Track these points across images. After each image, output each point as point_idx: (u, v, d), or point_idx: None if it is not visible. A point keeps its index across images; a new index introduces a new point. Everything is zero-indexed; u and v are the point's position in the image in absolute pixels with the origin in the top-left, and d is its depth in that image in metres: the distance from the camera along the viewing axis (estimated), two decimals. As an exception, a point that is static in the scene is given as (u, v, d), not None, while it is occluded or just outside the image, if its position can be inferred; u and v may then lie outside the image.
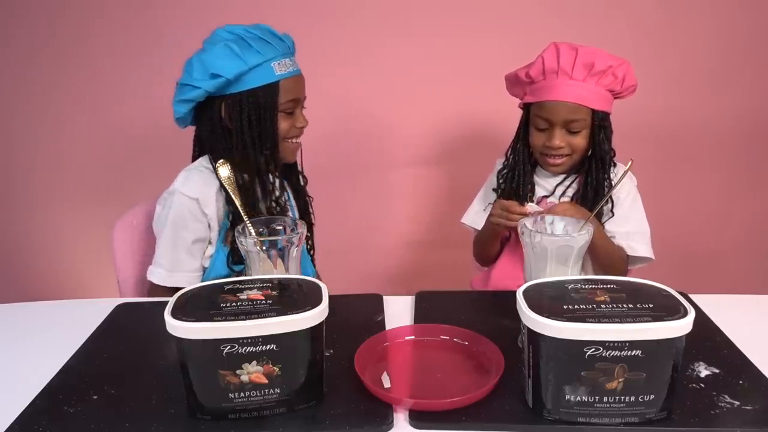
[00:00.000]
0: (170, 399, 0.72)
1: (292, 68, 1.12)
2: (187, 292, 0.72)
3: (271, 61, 1.08)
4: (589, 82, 1.14)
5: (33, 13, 1.70)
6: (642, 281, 0.73)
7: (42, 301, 1.05)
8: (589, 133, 1.18)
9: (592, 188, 1.20)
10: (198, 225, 1.10)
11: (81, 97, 1.77)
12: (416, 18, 1.69)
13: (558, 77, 1.15)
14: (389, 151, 1.84)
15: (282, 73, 1.10)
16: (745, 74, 1.76)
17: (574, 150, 1.19)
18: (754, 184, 1.88)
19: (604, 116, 1.17)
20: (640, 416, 0.66)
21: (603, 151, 1.19)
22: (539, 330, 0.64)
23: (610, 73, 1.13)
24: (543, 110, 1.17)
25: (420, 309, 0.97)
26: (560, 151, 1.19)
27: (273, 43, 1.09)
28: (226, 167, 0.95)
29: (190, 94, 1.07)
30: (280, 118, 1.12)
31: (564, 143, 1.17)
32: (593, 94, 1.14)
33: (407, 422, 0.69)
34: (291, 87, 1.11)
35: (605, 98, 1.16)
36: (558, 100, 1.15)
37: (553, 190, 1.25)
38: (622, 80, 1.14)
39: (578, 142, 1.18)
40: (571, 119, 1.15)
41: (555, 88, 1.15)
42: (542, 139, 1.20)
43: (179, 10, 1.67)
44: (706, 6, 1.69)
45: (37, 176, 1.86)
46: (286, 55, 1.12)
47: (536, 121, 1.19)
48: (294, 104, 1.13)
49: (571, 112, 1.15)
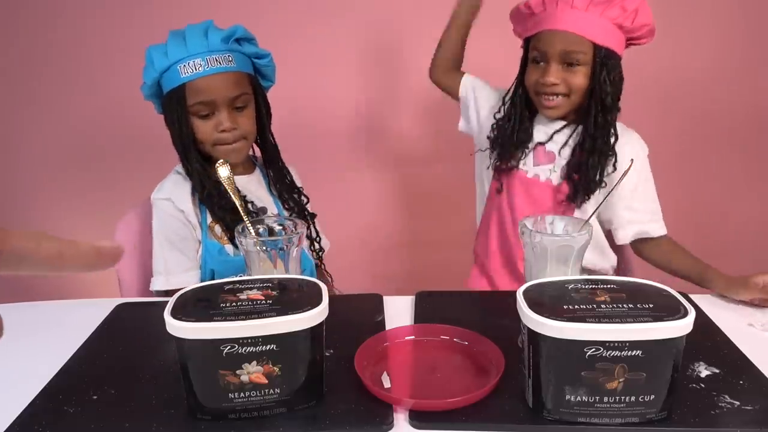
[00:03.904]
0: (170, 399, 0.72)
1: (203, 68, 1.04)
2: (187, 292, 0.72)
3: (177, 63, 1.04)
4: (592, 11, 1.03)
5: (30, 12, 1.70)
6: (642, 281, 0.73)
7: (42, 301, 1.05)
8: (590, 72, 1.07)
9: (591, 138, 1.10)
10: (178, 224, 1.10)
11: (82, 95, 1.77)
12: (417, 17, 1.69)
13: (558, 5, 1.05)
14: (389, 151, 1.84)
15: (187, 76, 1.04)
16: (745, 74, 1.76)
17: (571, 89, 1.08)
18: (753, 184, 1.88)
19: (608, 53, 1.06)
20: (641, 416, 0.66)
21: (604, 93, 1.07)
22: (539, 330, 0.64)
23: (617, 5, 1.02)
24: (539, 42, 1.08)
25: (420, 309, 0.97)
26: (555, 89, 1.09)
27: (187, 43, 1.05)
28: (225, 167, 0.95)
29: (143, 89, 1.11)
30: (195, 121, 1.08)
31: (560, 79, 1.07)
32: (596, 26, 1.03)
33: (407, 422, 0.69)
34: (201, 88, 1.05)
35: (612, 33, 1.04)
36: (555, 29, 1.05)
37: (551, 136, 1.16)
38: (633, 15, 1.03)
39: (577, 80, 1.07)
40: (569, 50, 1.05)
41: (553, 17, 1.06)
42: (537, 74, 1.10)
43: (176, 10, 1.67)
44: (706, 6, 1.69)
45: (37, 176, 1.86)
46: (198, 55, 1.04)
47: (532, 54, 1.10)
48: (206, 107, 1.06)
49: (569, 43, 1.04)
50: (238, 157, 1.14)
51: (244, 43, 1.10)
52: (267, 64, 1.13)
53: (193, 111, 1.07)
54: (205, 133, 1.08)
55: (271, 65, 1.15)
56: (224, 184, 0.95)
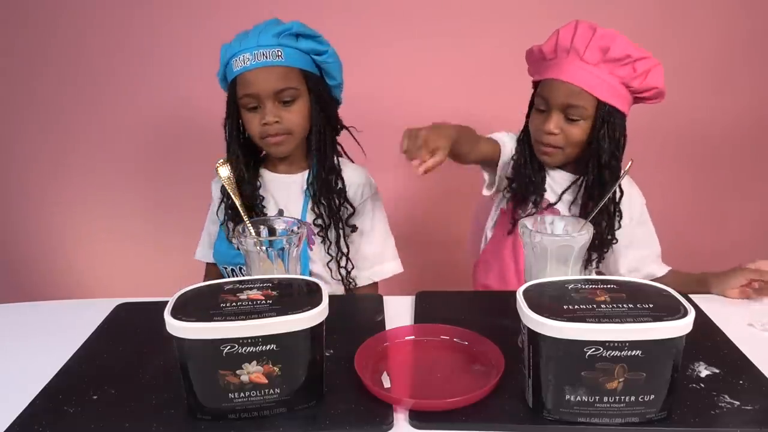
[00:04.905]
0: (170, 399, 0.72)
1: (251, 62, 1.06)
2: (187, 292, 0.72)
3: (232, 58, 1.08)
4: (601, 68, 1.03)
5: (38, 13, 1.70)
6: (642, 281, 0.73)
7: (42, 301, 1.05)
8: (590, 127, 1.06)
9: (588, 193, 1.09)
10: (213, 207, 1.21)
11: (83, 96, 1.77)
12: (417, 17, 1.69)
13: (569, 56, 1.05)
14: (388, 151, 1.83)
15: (237, 69, 1.07)
16: (745, 74, 1.76)
17: (569, 140, 1.07)
18: (754, 184, 1.88)
19: (612, 111, 1.05)
20: (640, 416, 0.66)
21: (602, 150, 1.05)
22: (539, 330, 0.64)
23: (628, 64, 1.02)
24: (544, 89, 1.08)
25: (420, 309, 0.97)
26: (552, 140, 1.08)
27: (243, 38, 1.08)
28: (226, 167, 0.96)
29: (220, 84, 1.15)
30: (245, 114, 1.11)
31: (558, 130, 1.07)
32: (603, 82, 1.02)
33: (407, 422, 0.69)
34: (247, 81, 1.07)
35: (618, 92, 1.04)
36: (559, 79, 1.04)
37: (560, 197, 1.14)
38: (643, 77, 1.03)
39: (575, 132, 1.06)
40: (571, 103, 1.04)
41: (561, 67, 1.05)
42: (538, 120, 1.09)
43: (176, 10, 1.68)
44: (706, 6, 1.69)
45: (37, 176, 1.86)
46: (248, 50, 1.06)
47: (537, 100, 1.10)
48: (252, 99, 1.08)
49: (572, 95, 1.04)
50: (283, 152, 1.13)
51: (301, 39, 1.09)
52: (326, 60, 1.10)
53: (242, 104, 1.10)
54: (252, 126, 1.10)
55: (331, 62, 1.11)
56: (225, 184, 0.95)
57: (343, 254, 1.16)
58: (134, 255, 1.91)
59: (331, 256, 1.16)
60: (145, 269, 1.91)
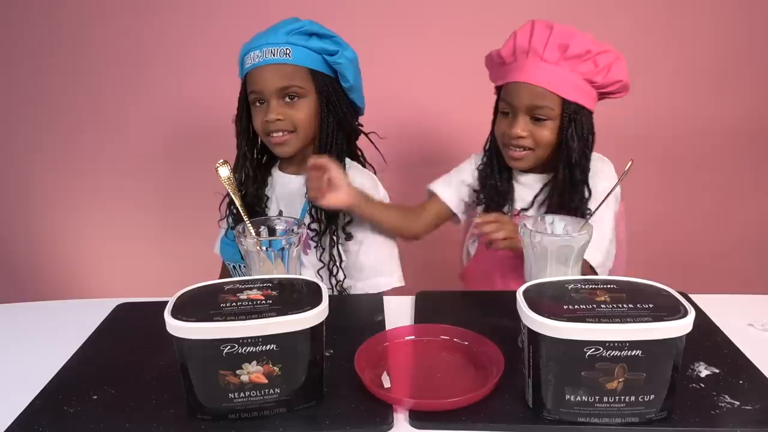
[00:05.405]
0: (170, 399, 0.72)
1: (259, 59, 1.06)
2: (187, 292, 0.72)
3: (245, 55, 1.09)
4: (562, 66, 1.01)
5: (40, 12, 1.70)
6: (642, 281, 0.73)
7: (42, 301, 1.05)
8: (557, 126, 1.04)
9: (558, 194, 1.06)
10: None
11: (84, 96, 1.77)
12: (418, 17, 1.69)
13: (528, 57, 1.03)
14: (388, 151, 1.83)
15: (247, 66, 1.09)
16: (745, 74, 1.76)
17: (538, 143, 1.05)
18: (754, 185, 1.88)
19: (577, 109, 1.03)
20: (640, 416, 0.66)
21: (571, 149, 1.03)
22: (539, 330, 0.64)
23: (589, 60, 1.00)
24: (507, 93, 1.06)
25: (420, 309, 0.97)
26: (521, 142, 1.05)
27: (258, 36, 1.09)
28: (226, 167, 0.95)
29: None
30: (253, 111, 1.11)
31: (526, 132, 1.04)
32: (566, 80, 1.01)
33: (407, 422, 0.69)
34: (255, 79, 1.08)
35: (582, 89, 1.02)
36: (522, 82, 1.02)
37: (531, 203, 1.12)
38: (605, 71, 1.01)
39: (544, 133, 1.04)
40: (536, 104, 1.02)
41: (522, 69, 1.03)
42: (504, 125, 1.07)
43: (184, 9, 1.68)
44: (706, 6, 1.69)
45: (37, 176, 1.86)
46: (258, 48, 1.07)
47: (501, 105, 1.08)
48: (258, 96, 1.09)
49: (537, 97, 1.02)
50: (287, 151, 1.12)
51: (313, 38, 1.08)
52: (337, 61, 1.08)
53: (250, 100, 1.11)
54: (257, 122, 1.11)
55: (342, 63, 1.09)
56: (225, 185, 0.95)
57: (335, 263, 1.11)
58: (134, 255, 1.92)
59: (323, 263, 1.12)
60: (145, 269, 1.91)
